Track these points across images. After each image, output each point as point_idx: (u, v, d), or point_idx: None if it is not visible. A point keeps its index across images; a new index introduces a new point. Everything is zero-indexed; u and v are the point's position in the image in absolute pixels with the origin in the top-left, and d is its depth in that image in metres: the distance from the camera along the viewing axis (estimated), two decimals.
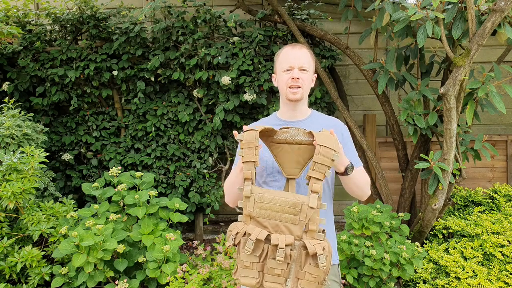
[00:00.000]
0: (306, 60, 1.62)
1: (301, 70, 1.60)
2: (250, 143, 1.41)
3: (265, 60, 3.84)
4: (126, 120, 4.14)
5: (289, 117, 1.68)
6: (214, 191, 3.96)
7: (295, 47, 1.64)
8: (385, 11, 2.93)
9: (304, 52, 1.62)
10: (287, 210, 1.36)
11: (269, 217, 1.36)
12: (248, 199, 1.38)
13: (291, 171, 1.48)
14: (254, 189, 1.39)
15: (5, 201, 2.69)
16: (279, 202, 1.36)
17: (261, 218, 1.37)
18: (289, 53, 1.62)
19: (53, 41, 4.13)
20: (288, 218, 1.36)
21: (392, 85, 3.18)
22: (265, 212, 1.37)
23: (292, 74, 1.60)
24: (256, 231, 1.35)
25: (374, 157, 3.55)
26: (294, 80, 1.59)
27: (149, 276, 2.71)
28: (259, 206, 1.37)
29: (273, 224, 1.36)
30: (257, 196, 1.38)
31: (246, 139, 1.42)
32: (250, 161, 1.40)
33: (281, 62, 1.64)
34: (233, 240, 1.38)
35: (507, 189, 3.54)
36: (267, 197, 1.37)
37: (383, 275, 2.67)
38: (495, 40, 2.93)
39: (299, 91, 1.60)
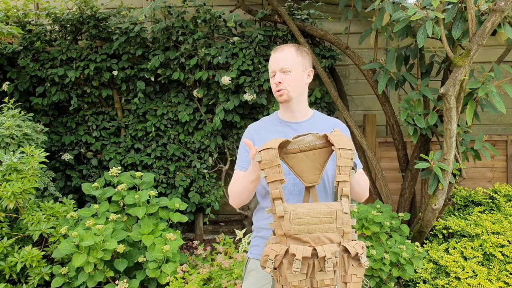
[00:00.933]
0: (287, 61, 1.60)
1: (283, 72, 1.60)
2: (271, 162, 1.37)
3: (265, 60, 3.84)
4: (126, 120, 4.14)
5: (289, 118, 1.68)
6: (214, 191, 3.96)
7: (277, 49, 1.63)
8: (385, 11, 2.93)
9: (286, 53, 1.61)
10: (324, 220, 1.34)
11: (309, 231, 1.34)
12: (282, 218, 1.34)
13: (311, 179, 1.47)
14: (287, 207, 1.36)
15: (5, 201, 2.69)
16: (315, 214, 1.35)
17: (301, 235, 1.34)
18: (272, 57, 1.64)
19: (53, 41, 4.13)
20: (326, 227, 1.34)
21: (392, 85, 3.18)
22: (303, 228, 1.34)
23: (274, 79, 1.61)
24: (299, 250, 1.31)
25: (374, 157, 3.55)
26: (277, 85, 1.60)
27: (149, 276, 2.71)
28: (296, 222, 1.34)
29: (313, 237, 1.34)
30: (292, 213, 1.34)
31: (265, 159, 1.38)
32: (276, 180, 1.37)
33: (269, 68, 1.67)
34: (273, 264, 1.33)
35: (507, 189, 3.54)
36: (301, 212, 1.35)
37: (383, 275, 2.67)
38: (495, 40, 2.93)
39: (284, 93, 1.60)
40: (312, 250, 1.32)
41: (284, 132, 1.65)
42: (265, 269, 1.34)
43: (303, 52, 1.65)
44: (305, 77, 1.65)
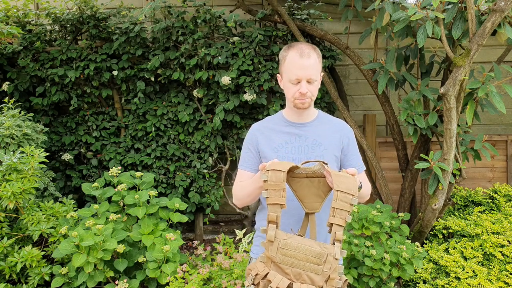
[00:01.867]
0: (314, 71, 1.54)
1: (309, 82, 1.54)
2: (276, 185, 1.35)
3: (265, 60, 3.84)
4: (126, 120, 4.14)
5: (296, 119, 1.66)
6: (214, 191, 3.96)
7: (304, 55, 1.53)
8: (385, 11, 2.93)
9: (313, 61, 1.54)
10: (311, 259, 1.32)
11: (292, 265, 1.31)
12: (271, 243, 1.33)
13: (312, 206, 1.45)
14: (279, 234, 1.34)
15: (5, 201, 2.69)
16: (304, 250, 1.32)
17: (284, 265, 1.32)
18: (296, 62, 1.53)
19: (53, 41, 4.13)
20: (311, 267, 1.31)
21: (392, 85, 3.18)
22: (288, 260, 1.32)
23: (300, 88, 1.54)
24: (277, 279, 1.30)
25: (374, 157, 3.55)
26: (302, 95, 1.54)
27: (149, 276, 2.71)
28: (283, 252, 1.32)
29: (295, 272, 1.31)
30: (282, 242, 1.32)
31: (271, 180, 1.35)
32: (276, 203, 1.34)
33: (287, 70, 1.56)
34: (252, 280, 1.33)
35: (507, 189, 3.54)
36: (292, 244, 1.32)
37: (383, 275, 2.67)
38: (495, 40, 2.93)
39: (307, 102, 1.57)
40: (289, 284, 1.30)
41: (289, 132, 1.65)
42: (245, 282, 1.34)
43: (320, 56, 1.61)
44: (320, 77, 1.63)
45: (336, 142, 1.65)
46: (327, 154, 1.61)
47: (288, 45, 1.62)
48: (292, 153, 1.61)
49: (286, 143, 1.63)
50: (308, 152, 1.61)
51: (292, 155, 1.60)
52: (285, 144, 1.63)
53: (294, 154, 1.60)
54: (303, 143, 1.62)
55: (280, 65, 1.63)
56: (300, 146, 1.62)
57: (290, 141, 1.63)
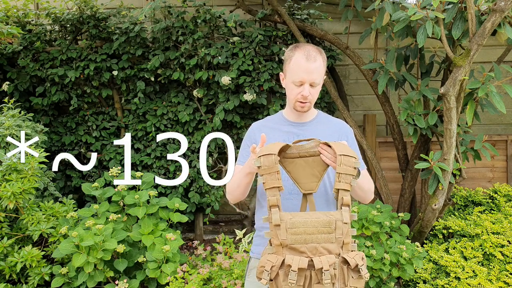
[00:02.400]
0: (318, 75, 1.54)
1: (312, 85, 1.55)
2: (270, 168, 1.34)
3: (265, 60, 3.84)
4: (126, 120, 4.14)
5: (296, 119, 1.67)
6: (214, 191, 3.96)
7: (310, 58, 1.53)
8: (385, 11, 2.93)
9: (318, 65, 1.54)
10: (322, 230, 1.30)
11: (306, 241, 1.29)
12: (279, 227, 1.30)
13: (308, 186, 1.43)
14: (283, 216, 1.32)
15: (5, 201, 2.69)
16: (313, 223, 1.30)
17: (297, 244, 1.29)
18: (301, 65, 1.53)
19: (53, 41, 4.13)
20: (324, 238, 1.30)
21: (392, 85, 3.18)
22: (300, 237, 1.29)
23: (302, 91, 1.54)
24: (295, 260, 1.27)
25: (374, 157, 3.55)
26: (303, 97, 1.55)
27: (149, 276, 2.71)
28: (293, 232, 1.29)
29: (310, 247, 1.29)
30: (288, 222, 1.30)
31: (264, 165, 1.34)
32: (274, 187, 1.33)
33: (292, 71, 1.56)
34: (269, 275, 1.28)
35: (507, 189, 3.54)
36: (299, 221, 1.30)
37: (383, 275, 2.67)
38: (495, 40, 2.93)
39: (307, 105, 1.58)
40: (309, 261, 1.28)
41: (289, 131, 1.65)
42: (261, 281, 1.29)
43: (325, 59, 1.60)
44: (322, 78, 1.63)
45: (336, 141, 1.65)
46: None
47: (294, 45, 1.61)
48: None
49: (284, 142, 1.63)
50: None
51: None
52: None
53: None
54: None
55: (285, 64, 1.62)
56: None
57: (289, 139, 1.63)
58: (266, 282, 1.29)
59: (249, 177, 1.53)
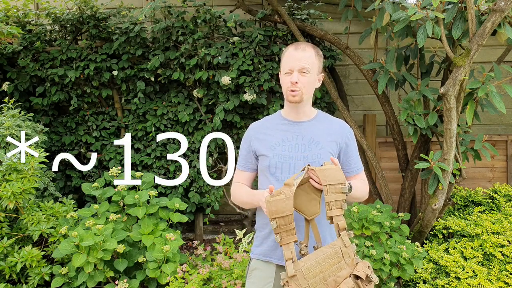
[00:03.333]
0: (307, 61, 1.58)
1: (301, 72, 1.57)
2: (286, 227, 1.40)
3: (265, 60, 3.84)
4: (126, 120, 4.14)
5: (293, 118, 1.67)
6: (214, 191, 3.96)
7: (298, 48, 1.59)
8: (385, 11, 2.93)
9: (307, 53, 1.58)
10: (333, 262, 1.39)
11: (325, 279, 1.38)
12: (295, 277, 1.38)
13: (312, 211, 1.48)
14: (297, 265, 1.39)
15: (5, 201, 2.68)
16: (324, 260, 1.39)
17: (319, 285, 1.37)
18: (291, 54, 1.59)
19: (53, 41, 4.13)
20: (337, 268, 1.39)
21: (392, 85, 3.18)
22: (319, 278, 1.38)
23: (291, 77, 1.57)
24: None
25: (374, 157, 3.55)
26: (293, 85, 1.57)
27: (149, 276, 2.71)
28: (310, 276, 1.37)
29: (330, 281, 1.38)
30: (304, 270, 1.38)
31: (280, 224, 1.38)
32: (290, 242, 1.41)
33: (283, 63, 1.62)
34: None
35: (507, 189, 3.54)
36: (312, 264, 1.39)
37: (383, 275, 2.67)
38: (495, 40, 2.93)
39: (298, 94, 1.58)
40: None
41: (287, 130, 1.65)
42: None
43: (320, 56, 1.64)
44: (317, 81, 1.65)
45: (334, 141, 1.65)
46: (324, 153, 1.61)
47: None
48: (289, 151, 1.61)
49: (283, 141, 1.63)
50: (305, 150, 1.60)
51: (289, 153, 1.60)
52: (282, 142, 1.63)
53: (291, 152, 1.60)
54: (300, 142, 1.62)
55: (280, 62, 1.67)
56: (297, 144, 1.62)
57: (287, 139, 1.63)
58: None
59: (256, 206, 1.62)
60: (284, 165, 1.59)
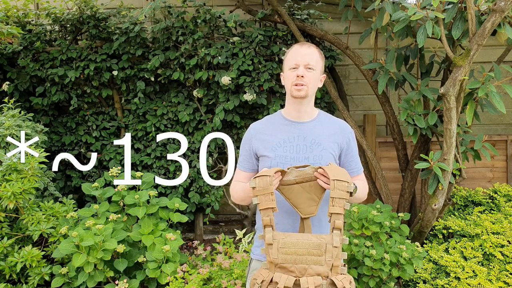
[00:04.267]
0: (313, 58, 1.60)
1: (307, 68, 1.58)
2: (264, 190, 1.40)
3: (265, 60, 3.84)
4: (126, 120, 4.14)
5: (295, 117, 1.66)
6: (214, 191, 3.96)
7: (304, 45, 1.62)
8: (385, 11, 2.93)
9: (312, 51, 1.61)
10: (312, 252, 1.35)
11: (295, 261, 1.35)
12: (271, 246, 1.36)
13: (308, 210, 1.47)
14: (276, 235, 1.37)
15: (5, 201, 2.68)
16: (303, 245, 1.36)
17: (287, 264, 1.35)
18: (297, 51, 1.61)
19: (53, 41, 4.13)
20: (314, 260, 1.35)
21: (392, 85, 3.18)
22: (290, 257, 1.35)
23: (297, 72, 1.58)
24: (283, 279, 1.32)
25: (374, 157, 3.55)
26: (299, 78, 1.57)
27: (149, 276, 2.71)
28: (284, 251, 1.35)
29: (300, 268, 1.35)
30: (281, 242, 1.36)
31: (259, 186, 1.40)
32: (268, 208, 1.39)
33: (288, 60, 1.63)
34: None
35: (507, 189, 3.54)
36: (290, 241, 1.36)
37: (383, 275, 2.67)
38: (495, 40, 2.93)
39: (304, 89, 1.58)
40: (296, 281, 1.33)
41: (288, 130, 1.64)
42: None
43: (323, 57, 1.67)
44: (319, 80, 1.66)
45: (335, 142, 1.64)
46: (325, 154, 1.60)
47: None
48: (290, 152, 1.60)
49: (284, 142, 1.62)
50: (306, 151, 1.60)
51: (291, 154, 1.60)
52: (283, 143, 1.62)
53: (292, 153, 1.60)
54: (301, 142, 1.61)
55: (284, 62, 1.68)
56: (298, 145, 1.61)
57: (289, 139, 1.63)
58: None
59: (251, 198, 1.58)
60: (285, 166, 1.59)
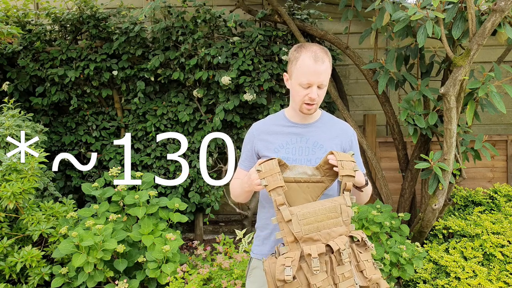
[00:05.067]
0: (326, 76, 1.52)
1: (320, 87, 1.53)
2: (271, 171, 1.40)
3: (265, 60, 3.84)
4: (126, 120, 4.14)
5: (299, 120, 1.64)
6: (214, 191, 3.96)
7: (318, 61, 1.49)
8: (385, 11, 2.93)
9: (326, 67, 1.51)
10: (330, 215, 1.38)
11: (318, 229, 1.36)
12: (290, 222, 1.35)
13: None
14: (293, 210, 1.37)
15: (5, 201, 2.68)
16: (320, 211, 1.37)
17: (312, 233, 1.35)
18: (310, 67, 1.49)
19: (53, 41, 4.13)
20: (333, 222, 1.38)
21: (392, 85, 3.18)
22: (313, 226, 1.35)
23: (310, 93, 1.51)
24: (313, 249, 1.32)
25: (374, 157, 3.55)
26: (311, 100, 1.53)
27: (149, 276, 2.71)
28: (305, 222, 1.35)
29: (324, 234, 1.36)
30: (299, 214, 1.36)
31: (265, 168, 1.40)
32: (277, 187, 1.39)
33: (299, 73, 1.52)
34: (291, 270, 1.31)
35: (507, 189, 3.54)
36: (308, 211, 1.37)
37: (383, 275, 2.67)
38: (495, 40, 2.93)
39: (314, 107, 1.56)
40: (326, 246, 1.34)
41: (291, 133, 1.63)
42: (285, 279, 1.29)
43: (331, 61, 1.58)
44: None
45: (338, 145, 1.63)
46: None
47: (299, 45, 1.57)
48: (292, 153, 1.60)
49: (287, 144, 1.62)
50: (308, 154, 1.59)
51: (293, 156, 1.59)
52: (286, 145, 1.62)
53: (294, 155, 1.59)
54: (304, 144, 1.61)
55: (290, 65, 1.57)
56: (301, 147, 1.61)
57: (291, 141, 1.62)
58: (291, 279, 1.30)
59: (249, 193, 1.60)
60: None
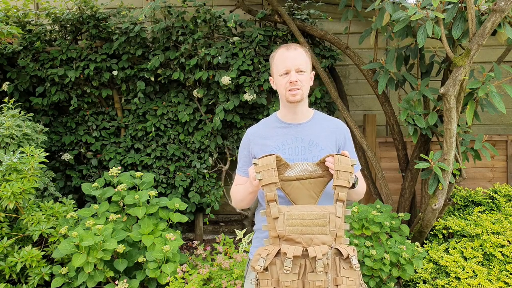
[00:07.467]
0: (302, 61, 1.58)
1: (298, 72, 1.58)
2: (267, 166, 1.41)
3: (265, 60, 3.84)
4: (126, 120, 4.14)
5: (290, 119, 1.66)
6: (214, 191, 3.96)
7: (290, 48, 1.60)
8: (385, 11, 2.93)
9: (299, 52, 1.59)
10: (317, 222, 1.38)
11: (301, 232, 1.37)
12: (277, 219, 1.38)
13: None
14: (281, 208, 1.39)
15: (5, 201, 2.68)
16: (308, 216, 1.38)
17: (294, 235, 1.37)
18: (284, 55, 1.59)
19: (53, 41, 4.13)
20: (319, 230, 1.38)
21: (392, 85, 3.18)
22: (296, 229, 1.37)
23: (289, 77, 1.57)
24: (291, 249, 1.35)
25: (374, 157, 3.55)
26: (293, 84, 1.57)
27: (149, 276, 2.71)
28: (290, 223, 1.37)
29: (306, 238, 1.37)
30: (286, 214, 1.38)
31: (262, 163, 1.42)
32: (271, 183, 1.40)
33: (277, 65, 1.61)
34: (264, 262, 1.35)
35: (507, 189, 3.54)
36: (295, 213, 1.38)
37: (383, 275, 2.67)
38: (495, 40, 2.93)
39: (299, 93, 1.58)
40: (303, 251, 1.35)
41: (285, 133, 1.64)
42: (255, 268, 1.35)
43: (309, 54, 1.66)
44: (310, 79, 1.65)
45: (333, 142, 1.65)
46: (324, 154, 1.60)
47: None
48: (289, 154, 1.60)
49: (283, 145, 1.62)
50: (305, 153, 1.60)
51: (290, 156, 1.60)
52: (282, 146, 1.62)
53: (291, 155, 1.60)
54: (299, 144, 1.62)
55: (271, 65, 1.67)
56: (297, 147, 1.61)
57: (287, 142, 1.63)
58: (261, 269, 1.35)
59: (252, 195, 1.59)
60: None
